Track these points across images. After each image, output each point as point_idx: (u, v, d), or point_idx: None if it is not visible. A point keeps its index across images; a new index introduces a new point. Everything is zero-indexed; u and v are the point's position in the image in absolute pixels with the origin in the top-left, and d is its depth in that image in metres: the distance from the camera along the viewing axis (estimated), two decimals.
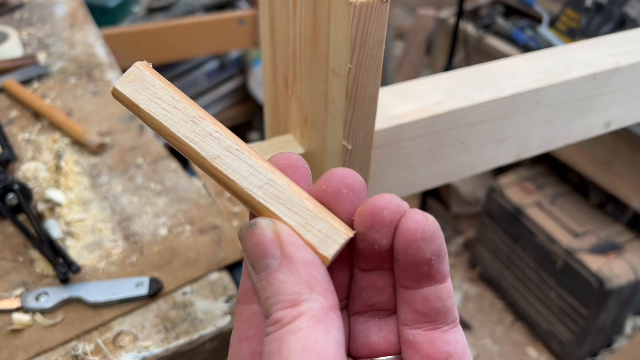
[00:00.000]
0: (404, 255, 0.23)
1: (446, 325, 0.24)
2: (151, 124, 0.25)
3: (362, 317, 0.25)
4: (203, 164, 0.25)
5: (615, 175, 1.45)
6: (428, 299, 0.23)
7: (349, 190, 0.24)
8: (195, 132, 0.25)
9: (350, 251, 0.25)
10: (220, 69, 1.75)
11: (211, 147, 0.25)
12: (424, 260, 0.23)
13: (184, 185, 0.65)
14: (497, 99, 0.47)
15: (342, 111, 0.33)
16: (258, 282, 0.22)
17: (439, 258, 0.23)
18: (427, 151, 0.46)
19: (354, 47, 0.30)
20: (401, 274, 0.24)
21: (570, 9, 1.56)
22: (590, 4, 1.50)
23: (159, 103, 0.25)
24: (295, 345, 0.20)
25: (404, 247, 0.23)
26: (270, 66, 0.44)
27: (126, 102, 0.26)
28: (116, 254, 0.56)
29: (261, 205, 0.24)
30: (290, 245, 0.22)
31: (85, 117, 0.77)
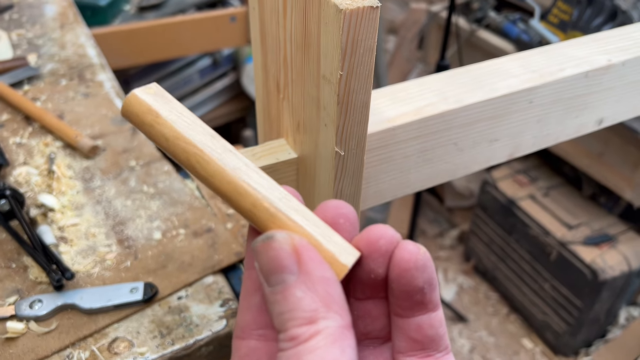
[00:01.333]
0: (398, 284, 0.24)
1: (439, 352, 0.25)
2: (168, 133, 0.25)
3: (358, 346, 0.25)
4: (217, 174, 0.25)
5: (607, 167, 1.46)
6: (421, 326, 0.24)
7: (345, 220, 0.25)
8: (215, 144, 0.25)
9: (347, 280, 0.25)
10: (213, 66, 1.74)
11: (231, 159, 0.25)
12: (417, 289, 0.23)
13: (178, 187, 0.65)
14: (490, 99, 0.47)
15: (333, 118, 0.33)
16: (272, 296, 0.22)
17: (430, 287, 0.24)
18: (420, 153, 0.46)
19: (344, 54, 0.30)
20: (395, 302, 0.24)
21: (561, 1, 1.56)
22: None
23: (179, 115, 0.26)
24: None
25: (398, 276, 0.24)
26: (262, 70, 0.44)
27: (143, 109, 0.26)
28: (110, 259, 0.56)
29: (282, 215, 0.24)
30: (310, 261, 0.22)
31: (77, 120, 0.76)
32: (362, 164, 0.37)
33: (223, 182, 0.25)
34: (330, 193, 0.37)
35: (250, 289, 0.26)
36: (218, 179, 0.25)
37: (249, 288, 0.26)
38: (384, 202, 0.48)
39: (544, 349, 1.72)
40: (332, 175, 0.36)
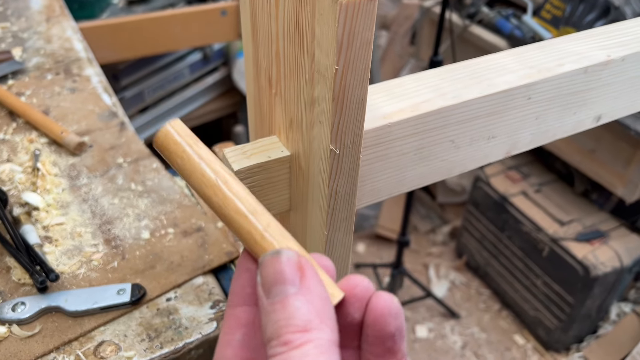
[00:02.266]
0: (373, 329, 0.25)
1: None
2: (204, 158, 0.27)
3: None
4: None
5: (599, 164, 1.46)
6: None
7: (326, 271, 0.27)
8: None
9: None
10: (204, 61, 1.72)
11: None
12: (389, 335, 0.25)
13: (167, 185, 0.63)
14: (488, 95, 0.45)
15: (328, 114, 0.32)
16: (270, 306, 0.23)
17: (400, 335, 0.25)
18: (416, 151, 0.45)
19: (340, 48, 0.29)
20: (368, 349, 0.26)
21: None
22: None
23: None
24: None
25: (373, 322, 0.25)
26: (253, 64, 0.42)
27: (184, 133, 0.28)
28: (97, 260, 0.54)
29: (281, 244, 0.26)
30: (311, 278, 0.24)
31: (63, 116, 0.74)
32: (358, 162, 0.36)
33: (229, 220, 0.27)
34: (325, 192, 0.36)
35: (232, 326, 0.27)
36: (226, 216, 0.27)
37: (231, 325, 0.27)
38: (379, 200, 0.47)
39: (535, 345, 1.73)
40: (327, 174, 0.35)
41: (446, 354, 1.71)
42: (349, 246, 0.40)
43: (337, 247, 0.39)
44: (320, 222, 0.38)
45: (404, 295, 1.85)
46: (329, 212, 0.37)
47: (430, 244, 2.06)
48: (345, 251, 0.41)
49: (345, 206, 0.37)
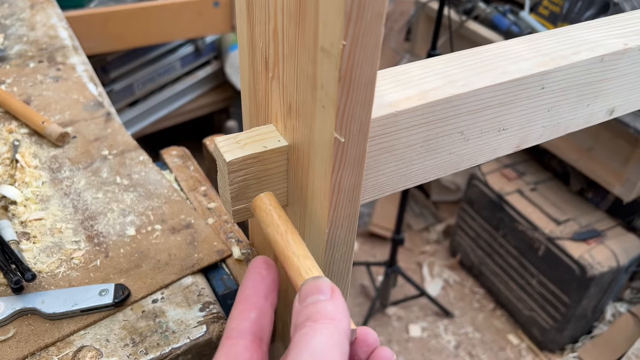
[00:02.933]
0: None
1: None
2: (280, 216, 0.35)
3: None
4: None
5: (596, 162, 1.44)
6: None
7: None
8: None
9: None
10: (195, 54, 1.68)
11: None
12: None
13: (154, 179, 0.60)
14: (500, 83, 0.42)
15: (333, 97, 0.28)
16: (303, 308, 0.28)
17: None
18: (423, 142, 0.42)
19: (348, 21, 0.25)
20: None
21: None
22: None
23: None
24: (323, 336, 0.26)
25: None
26: (248, 46, 0.39)
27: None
28: (78, 258, 0.51)
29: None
30: (340, 297, 0.29)
31: (46, 105, 0.70)
32: (364, 152, 0.32)
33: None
34: (327, 186, 0.33)
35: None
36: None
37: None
38: (382, 196, 0.44)
39: (529, 345, 1.71)
40: (330, 165, 0.31)
41: (440, 354, 1.68)
42: (351, 246, 0.37)
43: (338, 246, 0.36)
44: (321, 219, 0.35)
45: (397, 294, 1.82)
46: (330, 208, 0.33)
47: (424, 243, 2.04)
48: (348, 251, 0.37)
49: (349, 201, 0.34)
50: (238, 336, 0.29)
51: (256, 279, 0.33)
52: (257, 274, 0.33)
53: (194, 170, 0.63)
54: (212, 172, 0.66)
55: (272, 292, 0.33)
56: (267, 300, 0.32)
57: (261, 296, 0.32)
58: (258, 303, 0.31)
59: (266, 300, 0.32)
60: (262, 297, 0.32)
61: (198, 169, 0.63)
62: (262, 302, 0.32)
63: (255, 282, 0.32)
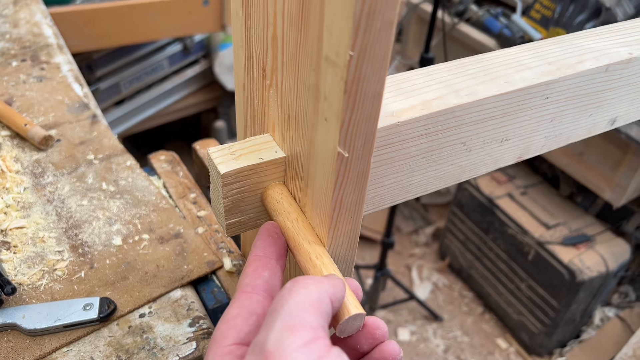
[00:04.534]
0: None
1: None
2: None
3: None
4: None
5: (586, 167, 1.44)
6: None
7: (354, 291, 0.32)
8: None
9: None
10: (184, 53, 1.65)
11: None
12: None
13: (142, 185, 0.58)
14: (505, 93, 0.41)
15: (338, 110, 0.27)
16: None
17: None
18: (425, 153, 0.40)
19: (357, 29, 0.24)
20: None
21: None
22: None
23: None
24: (299, 296, 0.26)
25: (378, 357, 0.31)
26: (244, 51, 0.37)
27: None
28: (61, 269, 0.48)
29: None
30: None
31: (29, 106, 0.68)
32: (368, 167, 0.30)
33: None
34: (328, 202, 0.31)
35: (244, 311, 0.30)
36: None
37: (243, 311, 0.30)
38: (381, 209, 0.42)
39: (518, 349, 1.70)
40: (332, 180, 0.29)
41: (428, 358, 1.67)
42: (351, 262, 0.35)
43: (339, 263, 0.34)
44: (321, 235, 0.33)
45: (386, 298, 1.81)
46: (331, 225, 0.32)
47: (413, 245, 2.03)
48: (348, 268, 0.36)
49: (351, 218, 0.32)
50: (252, 291, 0.30)
51: (268, 241, 0.33)
52: (269, 237, 0.33)
53: (183, 176, 0.61)
54: (201, 178, 0.64)
55: (282, 257, 0.34)
56: (277, 263, 0.33)
57: (273, 258, 0.33)
58: (270, 264, 0.32)
59: (277, 263, 0.33)
60: (274, 259, 0.33)
61: (187, 175, 0.61)
62: (273, 264, 0.32)
63: (267, 244, 0.33)
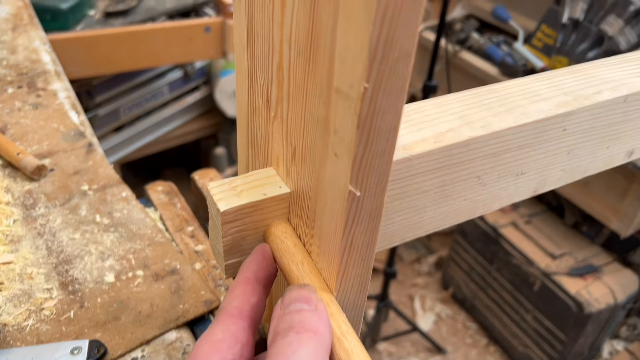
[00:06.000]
0: None
1: None
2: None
3: None
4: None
5: (592, 196, 1.41)
6: None
7: None
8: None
9: None
10: (184, 79, 1.64)
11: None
12: None
13: (137, 217, 0.55)
14: (521, 125, 0.39)
15: (350, 146, 0.24)
16: (286, 314, 0.27)
17: None
18: (438, 188, 0.38)
19: (373, 59, 0.21)
20: None
21: (545, 25, 1.53)
22: (566, 20, 1.47)
23: None
24: (309, 348, 0.25)
25: None
26: (247, 80, 0.35)
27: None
28: (49, 308, 0.45)
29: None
30: (324, 309, 0.28)
31: (23, 134, 0.65)
32: (381, 206, 0.28)
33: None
34: (336, 243, 0.28)
35: (229, 338, 0.28)
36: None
37: (227, 337, 0.28)
38: (391, 246, 0.40)
39: None
40: (342, 221, 0.27)
41: None
42: (361, 308, 0.33)
43: (347, 309, 0.32)
44: (328, 280, 0.31)
45: (388, 329, 1.77)
46: (340, 268, 0.29)
47: (416, 274, 1.99)
48: (357, 315, 0.33)
49: (362, 260, 0.30)
50: (239, 317, 0.29)
51: (262, 265, 0.32)
52: (264, 261, 0.32)
53: (181, 208, 0.58)
54: (200, 209, 0.62)
55: (270, 284, 0.32)
56: (265, 290, 0.31)
57: (262, 284, 0.31)
58: (258, 290, 0.31)
59: (264, 290, 0.31)
60: (262, 286, 0.31)
61: (185, 207, 0.59)
62: (261, 291, 0.31)
63: (261, 268, 0.31)
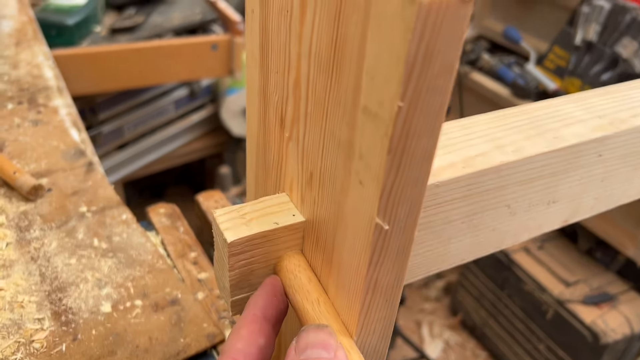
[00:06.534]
0: None
1: None
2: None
3: None
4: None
5: (608, 221, 1.37)
6: None
7: None
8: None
9: None
10: (190, 98, 1.62)
11: None
12: None
13: (137, 242, 0.52)
14: (555, 150, 0.36)
15: (378, 173, 0.21)
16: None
17: None
18: (465, 218, 0.34)
19: (410, 74, 0.18)
20: None
21: (558, 47, 1.51)
22: (579, 42, 1.45)
23: None
24: None
25: None
26: (259, 97, 0.32)
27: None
28: (40, 341, 0.42)
29: None
30: (345, 358, 0.25)
31: (21, 152, 0.63)
32: (410, 241, 0.25)
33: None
34: (359, 282, 0.25)
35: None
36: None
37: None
38: (413, 280, 0.36)
39: None
40: (366, 257, 0.24)
41: None
42: (383, 354, 0.29)
43: (368, 356, 0.28)
44: (347, 322, 0.27)
45: (395, 356, 1.71)
46: (362, 310, 0.26)
47: (423, 300, 1.94)
48: None
49: (386, 302, 0.26)
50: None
51: (272, 302, 0.29)
52: (274, 297, 0.29)
53: (184, 232, 0.55)
54: (204, 233, 0.59)
55: (280, 322, 0.29)
56: (274, 330, 0.28)
57: (271, 323, 0.28)
58: (267, 330, 0.28)
59: (273, 330, 0.28)
60: (272, 325, 0.28)
61: (188, 231, 0.55)
62: (270, 331, 0.28)
63: (270, 305, 0.28)
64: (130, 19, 1.29)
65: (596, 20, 1.41)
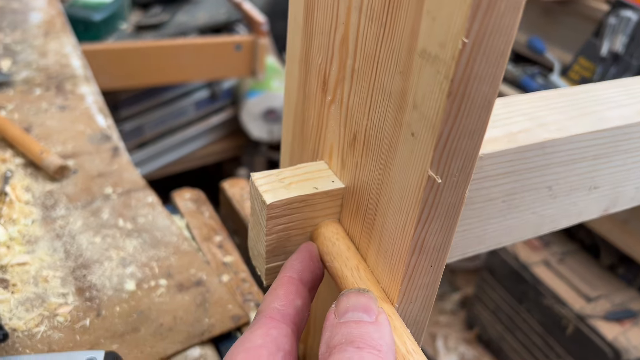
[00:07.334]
0: None
1: None
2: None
3: None
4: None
5: (632, 236, 1.34)
6: None
7: None
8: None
9: None
10: (211, 99, 1.63)
11: None
12: None
13: (162, 224, 0.51)
14: (600, 130, 0.35)
15: (435, 120, 0.20)
16: (342, 324, 0.23)
17: None
18: (506, 197, 0.33)
19: (476, 10, 0.18)
20: None
21: (584, 58, 1.49)
22: (605, 54, 1.43)
23: None
24: None
25: None
26: (300, 63, 0.31)
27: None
28: (63, 315, 0.41)
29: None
30: (386, 320, 0.24)
31: (47, 135, 0.63)
32: (462, 200, 0.24)
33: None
34: (405, 244, 0.24)
35: (270, 344, 0.24)
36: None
37: (269, 343, 0.24)
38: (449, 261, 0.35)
39: None
40: (415, 214, 0.23)
41: None
42: (423, 325, 0.28)
43: (408, 326, 0.27)
44: (388, 289, 0.26)
45: None
46: (406, 274, 0.25)
47: (438, 312, 1.91)
48: (419, 332, 0.28)
49: (431, 267, 0.25)
50: (281, 320, 0.25)
51: (309, 266, 0.28)
52: (311, 261, 0.28)
53: (209, 216, 0.54)
54: (228, 220, 0.58)
55: (315, 288, 0.29)
56: (310, 294, 0.28)
57: (308, 287, 0.27)
58: (303, 293, 0.27)
59: (309, 293, 0.28)
60: (308, 289, 0.27)
61: (214, 216, 0.55)
62: (306, 294, 0.27)
63: (306, 269, 0.28)
64: (156, 16, 1.30)
65: (623, 32, 1.40)
